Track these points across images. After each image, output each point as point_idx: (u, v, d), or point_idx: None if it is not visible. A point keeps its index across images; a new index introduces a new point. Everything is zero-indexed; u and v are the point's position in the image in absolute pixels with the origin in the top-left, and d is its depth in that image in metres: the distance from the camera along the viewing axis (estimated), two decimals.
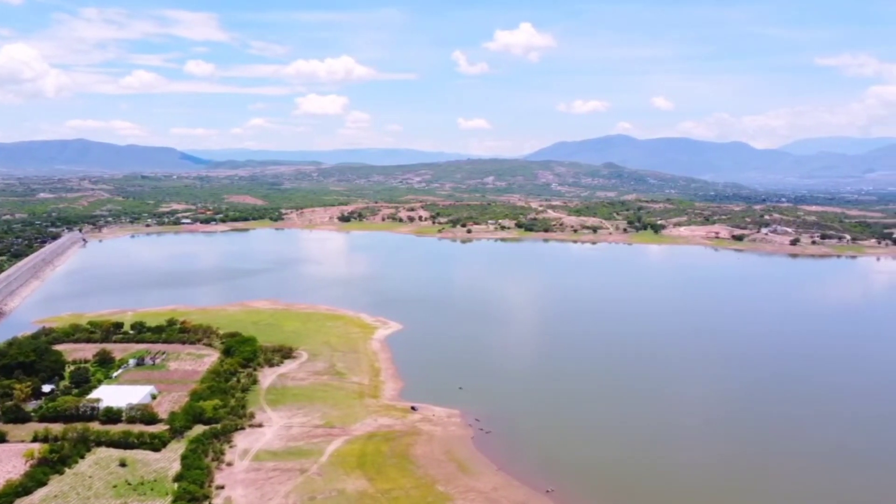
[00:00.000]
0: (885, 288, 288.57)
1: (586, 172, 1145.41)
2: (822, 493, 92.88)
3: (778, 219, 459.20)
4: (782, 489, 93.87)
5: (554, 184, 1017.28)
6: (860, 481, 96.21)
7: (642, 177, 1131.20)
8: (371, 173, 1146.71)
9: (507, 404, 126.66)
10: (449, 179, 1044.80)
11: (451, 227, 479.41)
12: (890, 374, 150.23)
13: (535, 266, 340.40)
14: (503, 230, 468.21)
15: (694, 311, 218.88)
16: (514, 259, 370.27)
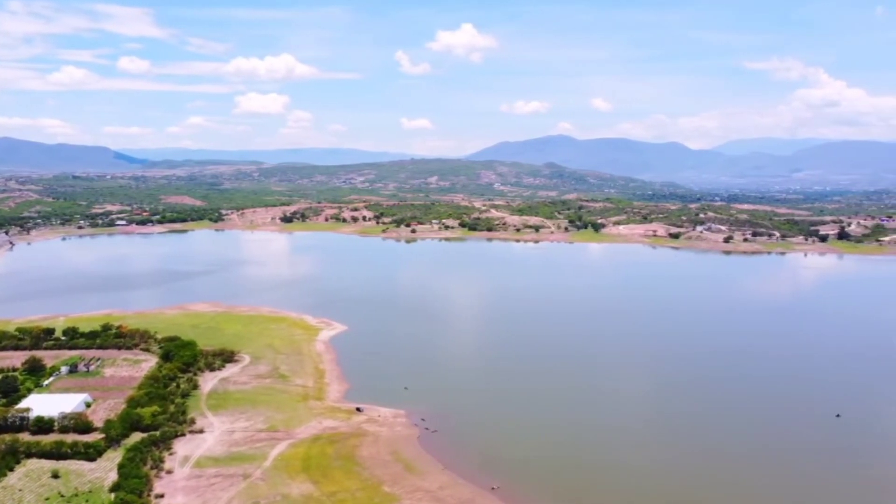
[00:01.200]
0: (813, 283, 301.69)
1: (528, 172, 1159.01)
2: (758, 491, 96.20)
3: (712, 217, 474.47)
4: (719, 486, 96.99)
5: (497, 183, 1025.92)
6: (797, 479, 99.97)
7: (583, 176, 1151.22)
8: (314, 173, 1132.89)
9: (453, 403, 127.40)
10: (392, 179, 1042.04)
11: (395, 227, 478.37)
12: (824, 370, 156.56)
13: (479, 265, 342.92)
14: (447, 230, 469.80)
15: (634, 309, 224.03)
16: (458, 258, 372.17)
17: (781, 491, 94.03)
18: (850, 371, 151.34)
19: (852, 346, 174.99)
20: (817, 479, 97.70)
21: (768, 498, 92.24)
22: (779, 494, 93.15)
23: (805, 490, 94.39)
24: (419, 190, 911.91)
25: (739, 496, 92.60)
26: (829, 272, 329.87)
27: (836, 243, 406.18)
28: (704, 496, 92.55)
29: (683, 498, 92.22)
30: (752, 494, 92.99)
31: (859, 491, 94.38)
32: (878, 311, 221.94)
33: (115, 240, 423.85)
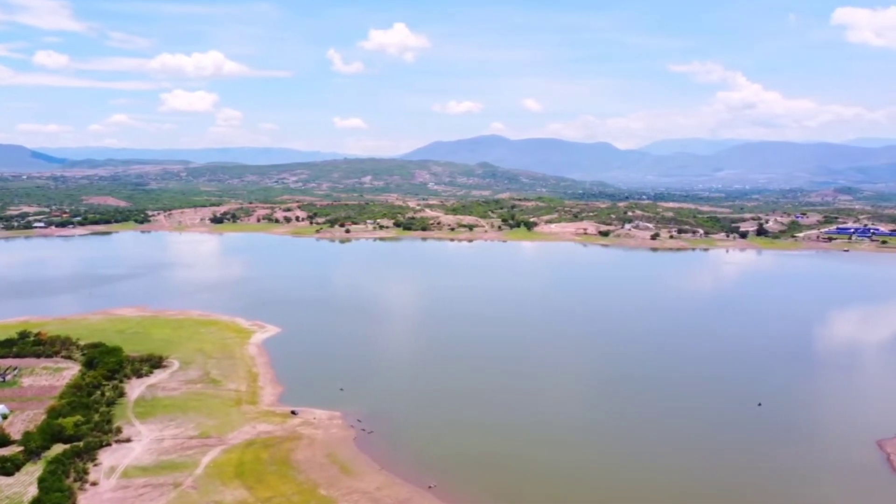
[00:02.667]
0: (734, 278, 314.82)
1: (462, 172, 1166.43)
2: (688, 479, 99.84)
3: (640, 215, 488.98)
4: (650, 477, 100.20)
5: (431, 183, 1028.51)
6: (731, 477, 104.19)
7: (515, 176, 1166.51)
8: (245, 173, 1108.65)
9: (389, 403, 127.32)
10: (326, 179, 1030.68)
11: (328, 227, 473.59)
12: (746, 362, 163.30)
13: (414, 265, 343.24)
14: (381, 229, 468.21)
15: (567, 308, 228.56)
16: (393, 258, 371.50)
17: (710, 476, 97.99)
18: (769, 362, 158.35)
19: (771, 337, 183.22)
20: (743, 464, 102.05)
21: (698, 484, 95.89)
22: (708, 480, 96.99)
23: (732, 473, 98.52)
24: (353, 190, 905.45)
25: (670, 485, 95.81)
26: (749, 267, 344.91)
27: (755, 239, 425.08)
28: (636, 488, 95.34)
29: (614, 491, 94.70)
30: (683, 482, 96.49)
31: (779, 471, 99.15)
32: (794, 304, 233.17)
33: (33, 243, 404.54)
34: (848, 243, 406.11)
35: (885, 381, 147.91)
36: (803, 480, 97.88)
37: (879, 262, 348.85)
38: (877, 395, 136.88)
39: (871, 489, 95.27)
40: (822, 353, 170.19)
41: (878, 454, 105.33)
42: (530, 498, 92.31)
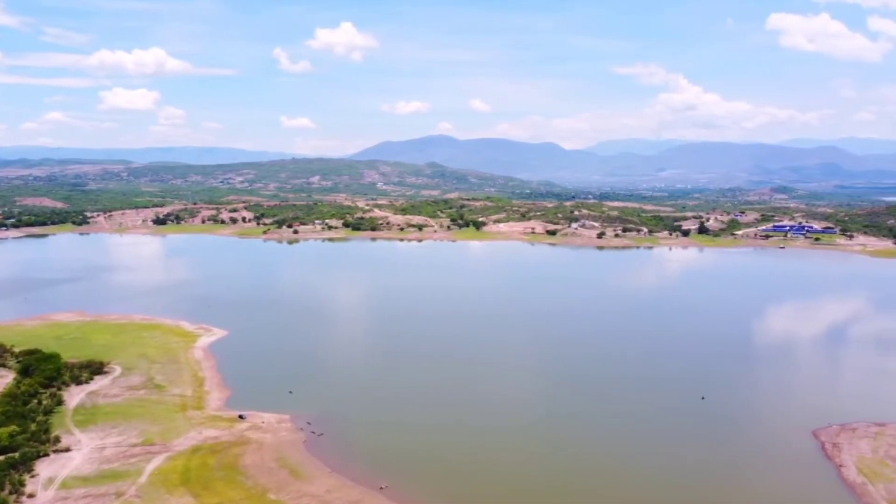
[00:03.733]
0: (677, 274, 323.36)
1: (411, 172, 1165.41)
2: (635, 475, 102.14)
3: (586, 214, 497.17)
4: (596, 474, 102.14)
5: (380, 183, 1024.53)
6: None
7: (464, 176, 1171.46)
8: (188, 173, 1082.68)
9: (339, 405, 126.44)
10: (273, 179, 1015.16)
11: (276, 227, 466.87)
12: (690, 357, 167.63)
13: (364, 265, 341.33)
14: (330, 230, 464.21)
15: (516, 307, 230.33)
16: (342, 259, 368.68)
17: (657, 469, 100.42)
18: (712, 356, 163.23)
19: (714, 332, 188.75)
20: (688, 455, 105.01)
21: (645, 476, 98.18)
22: (654, 472, 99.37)
23: (677, 465, 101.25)
24: (301, 190, 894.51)
25: (618, 478, 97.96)
26: (692, 264, 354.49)
27: (696, 237, 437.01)
28: (584, 483, 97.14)
29: (564, 487, 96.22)
30: (630, 475, 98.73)
31: (723, 461, 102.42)
32: (734, 299, 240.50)
33: None
34: (784, 240, 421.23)
35: (818, 373, 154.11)
36: (745, 469, 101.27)
37: (813, 258, 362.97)
38: (811, 387, 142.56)
39: (808, 475, 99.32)
40: (761, 347, 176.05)
41: (813, 443, 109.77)
42: (483, 497, 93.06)
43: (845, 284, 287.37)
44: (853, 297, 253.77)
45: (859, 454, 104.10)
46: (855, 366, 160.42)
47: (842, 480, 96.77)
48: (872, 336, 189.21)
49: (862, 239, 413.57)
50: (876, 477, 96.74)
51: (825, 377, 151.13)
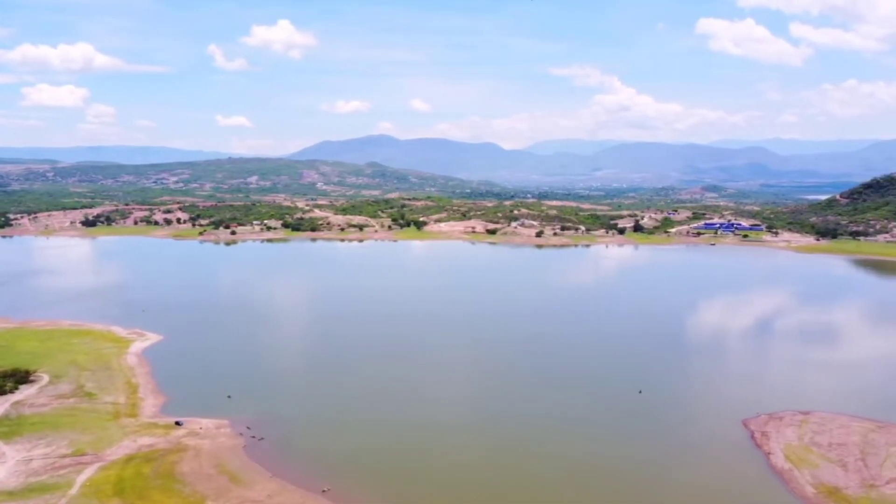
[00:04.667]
0: (614, 271, 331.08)
1: (351, 172, 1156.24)
2: (578, 470, 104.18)
3: (525, 213, 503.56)
4: (539, 473, 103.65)
5: (320, 183, 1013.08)
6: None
7: (404, 175, 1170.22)
8: (120, 173, 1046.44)
9: (280, 408, 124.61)
10: (209, 179, 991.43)
11: (213, 228, 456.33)
12: (628, 351, 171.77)
13: (303, 265, 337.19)
14: (269, 230, 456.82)
15: (458, 306, 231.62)
16: (281, 259, 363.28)
17: (598, 462, 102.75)
18: (648, 351, 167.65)
19: (649, 327, 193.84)
20: (626, 447, 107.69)
21: (586, 470, 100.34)
22: (595, 466, 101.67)
23: (616, 457, 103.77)
24: (238, 190, 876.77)
25: (560, 473, 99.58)
26: (627, 261, 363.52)
27: (632, 235, 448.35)
28: (526, 480, 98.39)
29: (507, 485, 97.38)
30: (572, 470, 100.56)
31: (659, 451, 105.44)
32: (668, 294, 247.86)
33: None
34: (714, 237, 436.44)
35: (747, 365, 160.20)
36: (681, 459, 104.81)
37: (741, 254, 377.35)
38: (741, 378, 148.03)
39: (739, 463, 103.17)
40: (695, 341, 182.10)
41: (743, 432, 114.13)
42: (426, 497, 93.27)
43: (771, 279, 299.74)
44: (778, 291, 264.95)
45: (786, 442, 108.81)
46: (781, 357, 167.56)
47: (770, 467, 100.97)
48: (796, 328, 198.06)
49: (786, 235, 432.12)
50: (802, 463, 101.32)
51: (754, 368, 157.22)
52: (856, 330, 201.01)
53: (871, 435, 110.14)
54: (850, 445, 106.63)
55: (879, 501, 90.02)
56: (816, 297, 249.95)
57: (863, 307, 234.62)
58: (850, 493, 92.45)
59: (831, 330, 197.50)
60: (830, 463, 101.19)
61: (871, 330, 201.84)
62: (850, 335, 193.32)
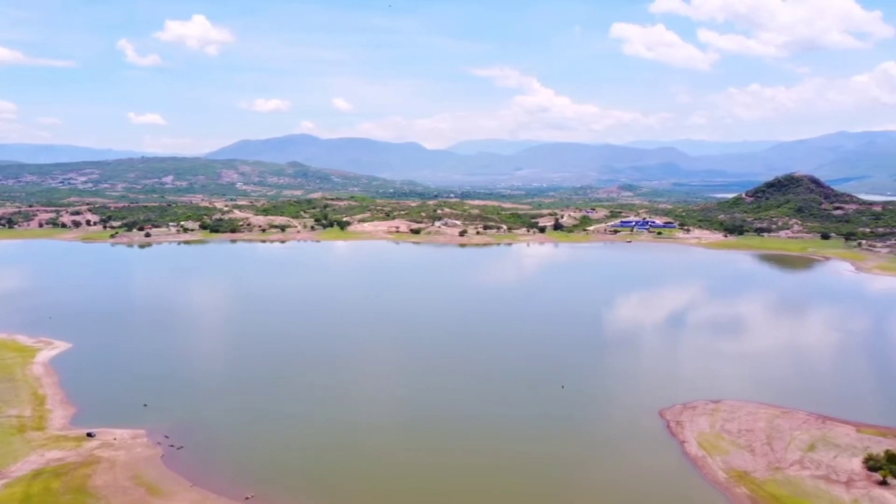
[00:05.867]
0: (535, 268, 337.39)
1: (272, 171, 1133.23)
2: (502, 467, 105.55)
3: (448, 213, 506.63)
4: (462, 471, 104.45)
5: (239, 183, 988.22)
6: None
7: (327, 175, 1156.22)
8: (22, 173, 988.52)
9: (200, 415, 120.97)
10: (121, 179, 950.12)
11: (126, 230, 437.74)
12: (551, 348, 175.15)
13: (223, 267, 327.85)
14: (187, 232, 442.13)
15: (381, 305, 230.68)
16: (199, 262, 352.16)
17: (524, 457, 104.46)
18: (570, 346, 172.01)
19: (570, 322, 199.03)
20: (550, 440, 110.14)
21: (512, 465, 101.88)
22: (522, 460, 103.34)
23: (540, 450, 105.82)
24: (153, 190, 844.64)
25: (487, 469, 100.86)
26: (548, 259, 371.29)
27: (552, 233, 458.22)
28: (452, 484, 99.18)
29: (432, 488, 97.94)
30: (498, 466, 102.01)
31: (581, 443, 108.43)
32: (587, 290, 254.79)
33: None
34: (630, 235, 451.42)
35: (663, 357, 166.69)
36: (601, 450, 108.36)
37: (655, 251, 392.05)
38: (657, 370, 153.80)
39: (656, 452, 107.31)
40: (614, 335, 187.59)
41: (660, 422, 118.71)
42: (351, 500, 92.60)
43: (684, 274, 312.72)
44: (691, 286, 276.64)
45: (699, 430, 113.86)
46: (694, 348, 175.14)
47: (685, 455, 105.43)
48: (707, 320, 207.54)
49: (697, 232, 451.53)
50: (714, 450, 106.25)
51: (669, 360, 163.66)
52: (761, 321, 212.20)
53: (776, 420, 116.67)
54: (757, 431, 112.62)
55: (784, 483, 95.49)
56: (725, 291, 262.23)
57: (767, 299, 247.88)
58: (758, 476, 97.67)
59: (739, 322, 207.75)
60: (740, 448, 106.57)
61: (775, 321, 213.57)
62: (755, 326, 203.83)
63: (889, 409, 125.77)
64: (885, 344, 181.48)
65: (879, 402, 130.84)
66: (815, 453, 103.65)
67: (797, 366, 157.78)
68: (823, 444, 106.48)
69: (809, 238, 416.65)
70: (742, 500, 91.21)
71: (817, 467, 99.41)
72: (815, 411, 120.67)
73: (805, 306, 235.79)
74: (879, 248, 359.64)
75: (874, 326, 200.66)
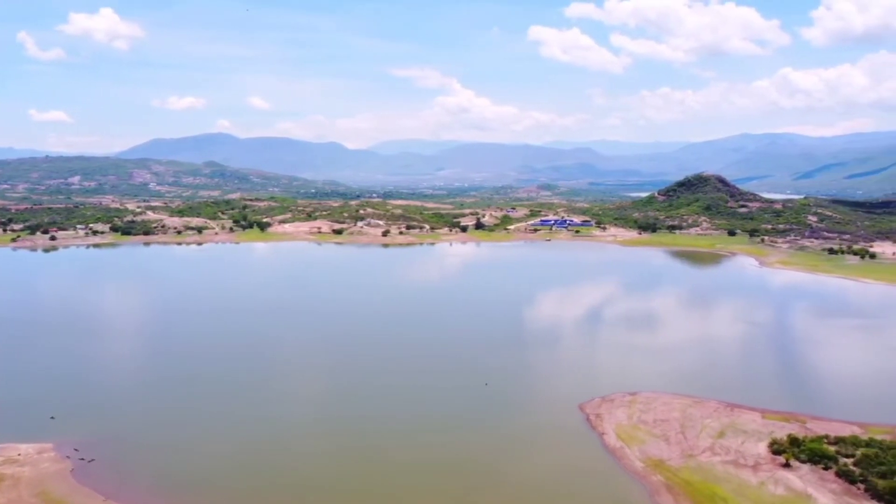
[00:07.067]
0: (457, 267, 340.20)
1: (187, 171, 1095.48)
2: (421, 464, 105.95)
3: (371, 213, 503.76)
4: (395, 470, 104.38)
5: (152, 183, 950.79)
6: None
7: (245, 175, 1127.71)
8: None
9: (112, 426, 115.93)
10: (22, 179, 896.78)
11: (29, 234, 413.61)
12: (472, 346, 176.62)
13: (134, 271, 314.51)
14: (96, 235, 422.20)
15: (301, 305, 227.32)
16: (109, 266, 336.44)
17: (448, 453, 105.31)
18: (493, 344, 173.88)
19: (493, 320, 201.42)
20: (475, 437, 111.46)
21: (437, 463, 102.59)
22: (445, 457, 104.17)
23: (465, 447, 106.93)
24: (59, 192, 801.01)
25: (410, 475, 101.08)
26: (470, 258, 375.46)
27: (474, 233, 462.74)
28: (375, 487, 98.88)
29: (352, 491, 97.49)
30: (424, 464, 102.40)
31: (505, 439, 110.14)
32: (509, 288, 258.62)
33: None
34: (550, 233, 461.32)
35: (582, 352, 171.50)
36: (524, 445, 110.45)
37: (574, 249, 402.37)
38: (577, 365, 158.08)
39: (576, 445, 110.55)
40: (535, 331, 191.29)
41: (580, 415, 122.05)
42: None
43: (601, 271, 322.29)
44: (607, 282, 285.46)
45: (617, 422, 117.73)
46: (612, 342, 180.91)
47: (604, 447, 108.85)
48: (624, 315, 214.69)
49: (613, 230, 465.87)
50: (631, 441, 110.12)
51: (589, 354, 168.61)
52: (674, 315, 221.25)
53: (689, 410, 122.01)
54: (671, 421, 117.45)
55: (697, 469, 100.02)
56: (640, 287, 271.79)
57: (679, 294, 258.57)
58: (673, 464, 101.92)
59: (654, 316, 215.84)
60: (655, 438, 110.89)
61: (687, 314, 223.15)
62: (669, 320, 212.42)
63: (791, 395, 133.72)
64: (786, 334, 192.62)
65: (782, 389, 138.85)
66: (724, 440, 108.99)
67: (708, 357, 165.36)
68: (732, 431, 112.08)
69: (717, 235, 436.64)
70: (658, 488, 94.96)
71: (727, 453, 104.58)
72: (725, 400, 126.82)
73: (714, 300, 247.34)
74: (780, 244, 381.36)
75: (776, 318, 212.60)
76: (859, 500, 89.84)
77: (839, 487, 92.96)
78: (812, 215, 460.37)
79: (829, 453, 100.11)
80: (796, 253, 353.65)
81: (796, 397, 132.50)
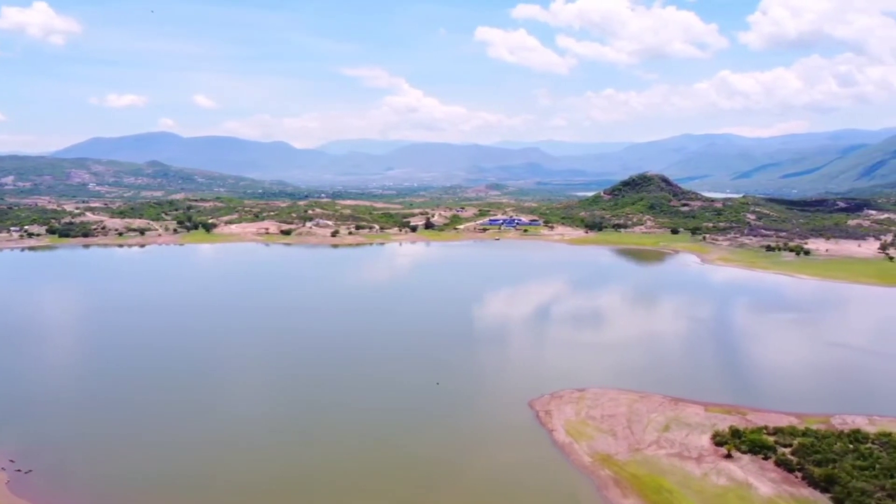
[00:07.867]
0: (408, 267, 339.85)
1: (129, 171, 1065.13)
2: (373, 463, 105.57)
3: (320, 213, 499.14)
4: (345, 469, 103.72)
5: (92, 184, 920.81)
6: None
7: (190, 175, 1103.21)
8: None
9: (50, 435, 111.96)
10: None
11: None
12: (423, 345, 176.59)
13: (72, 275, 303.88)
14: (32, 237, 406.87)
15: (248, 309, 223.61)
16: (45, 269, 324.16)
17: (400, 457, 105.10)
18: (442, 343, 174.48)
19: (443, 320, 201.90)
20: (428, 435, 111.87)
21: (390, 461, 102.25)
22: (399, 455, 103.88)
23: (418, 445, 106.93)
24: None
25: (361, 475, 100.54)
26: (420, 258, 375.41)
27: (424, 232, 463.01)
28: (324, 483, 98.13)
29: (299, 490, 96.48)
30: (376, 470, 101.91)
31: (457, 436, 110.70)
32: (458, 288, 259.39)
33: None
34: (498, 232, 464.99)
35: (531, 350, 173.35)
36: (475, 442, 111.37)
37: (522, 248, 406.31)
38: (527, 363, 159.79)
39: (526, 441, 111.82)
40: (484, 331, 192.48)
41: (529, 412, 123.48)
42: None
43: (548, 269, 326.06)
44: (555, 280, 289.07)
45: (566, 418, 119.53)
46: (560, 340, 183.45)
47: (553, 442, 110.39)
48: (572, 313, 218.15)
49: (560, 229, 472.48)
50: (580, 436, 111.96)
51: (537, 352, 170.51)
52: (620, 312, 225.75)
53: (635, 405, 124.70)
54: (618, 416, 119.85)
55: (643, 462, 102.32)
56: (587, 284, 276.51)
57: (625, 291, 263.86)
58: (620, 458, 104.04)
59: (600, 313, 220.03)
60: (603, 433, 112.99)
61: (633, 311, 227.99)
62: (616, 317, 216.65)
63: (732, 388, 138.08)
64: (727, 329, 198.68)
65: (724, 383, 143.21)
66: (669, 433, 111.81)
67: (653, 352, 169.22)
68: (676, 424, 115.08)
69: (661, 233, 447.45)
70: (606, 482, 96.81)
71: (672, 446, 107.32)
72: (669, 394, 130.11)
73: (658, 297, 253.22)
74: (721, 242, 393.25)
75: (717, 313, 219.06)
76: (797, 487, 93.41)
77: (778, 476, 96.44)
78: (750, 214, 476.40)
79: (768, 444, 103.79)
80: (736, 250, 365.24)
81: (737, 390, 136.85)
